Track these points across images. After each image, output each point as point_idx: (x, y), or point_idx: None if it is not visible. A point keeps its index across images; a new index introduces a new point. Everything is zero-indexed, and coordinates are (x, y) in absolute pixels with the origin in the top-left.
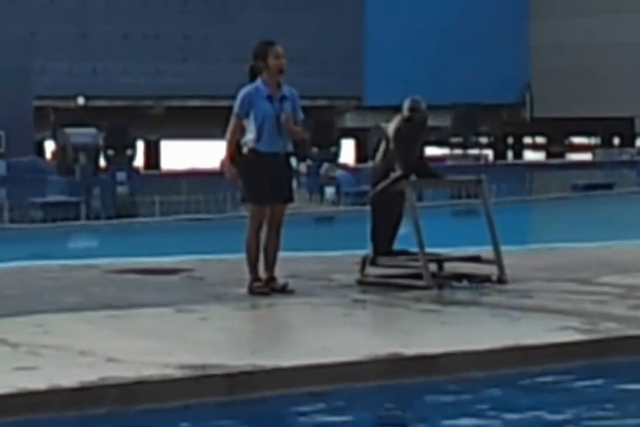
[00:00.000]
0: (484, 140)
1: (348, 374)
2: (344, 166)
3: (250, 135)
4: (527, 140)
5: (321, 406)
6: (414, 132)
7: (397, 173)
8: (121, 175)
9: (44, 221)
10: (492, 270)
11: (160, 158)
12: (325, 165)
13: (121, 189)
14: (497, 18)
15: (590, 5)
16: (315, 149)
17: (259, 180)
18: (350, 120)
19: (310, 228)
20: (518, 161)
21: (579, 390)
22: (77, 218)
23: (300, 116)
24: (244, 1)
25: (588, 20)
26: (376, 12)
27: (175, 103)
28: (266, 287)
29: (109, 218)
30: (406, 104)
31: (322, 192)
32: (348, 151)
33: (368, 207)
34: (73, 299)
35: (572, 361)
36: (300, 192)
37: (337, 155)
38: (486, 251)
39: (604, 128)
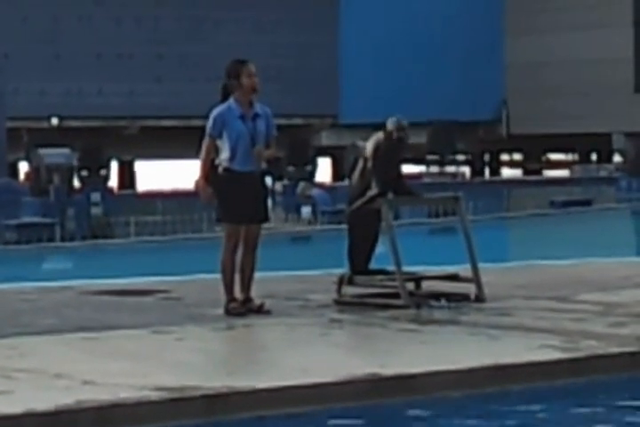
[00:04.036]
0: (460, 157)
1: (327, 395)
2: (320, 185)
3: (224, 155)
4: (504, 157)
5: None
6: (393, 151)
7: (374, 191)
8: (95, 196)
9: (18, 242)
10: (470, 289)
11: (135, 179)
12: (301, 184)
13: (95, 210)
14: (472, 35)
15: (565, 22)
16: (290, 168)
17: (234, 199)
18: (326, 138)
19: (286, 247)
20: (495, 178)
21: (559, 409)
22: (52, 239)
23: (274, 133)
24: (217, 20)
25: (564, 37)
26: (351, 31)
27: (149, 123)
28: (242, 308)
29: (84, 239)
30: (391, 124)
31: (298, 211)
32: (324, 170)
33: (345, 226)
34: (48, 321)
35: (552, 380)
36: (276, 211)
37: (313, 173)
38: (464, 269)
39: (581, 144)
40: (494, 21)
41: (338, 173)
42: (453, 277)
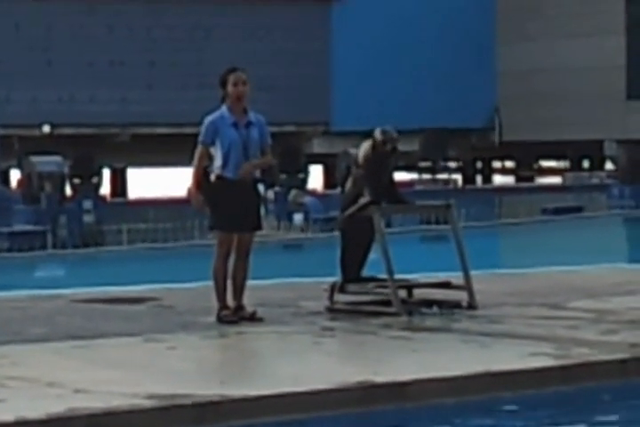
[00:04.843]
0: (452, 164)
1: (319, 403)
2: (312, 193)
3: (217, 162)
4: (496, 164)
5: None
6: (383, 160)
7: (366, 198)
8: (87, 204)
9: (10, 250)
10: (462, 296)
11: (127, 186)
12: (293, 192)
13: (87, 218)
14: (464, 42)
15: (558, 29)
16: (282, 176)
17: (226, 207)
18: (318, 146)
19: (279, 255)
20: (487, 185)
21: (551, 416)
22: (44, 247)
23: (269, 141)
24: (208, 28)
25: (556, 44)
26: (342, 39)
27: (141, 131)
28: (234, 316)
29: (76, 247)
30: (379, 134)
31: (290, 219)
32: (316, 177)
33: (337, 233)
34: (39, 329)
35: (543, 387)
36: (268, 219)
37: (305, 181)
38: (456, 276)
39: (573, 152)
40: (486, 29)
41: (330, 181)
42: (445, 285)
